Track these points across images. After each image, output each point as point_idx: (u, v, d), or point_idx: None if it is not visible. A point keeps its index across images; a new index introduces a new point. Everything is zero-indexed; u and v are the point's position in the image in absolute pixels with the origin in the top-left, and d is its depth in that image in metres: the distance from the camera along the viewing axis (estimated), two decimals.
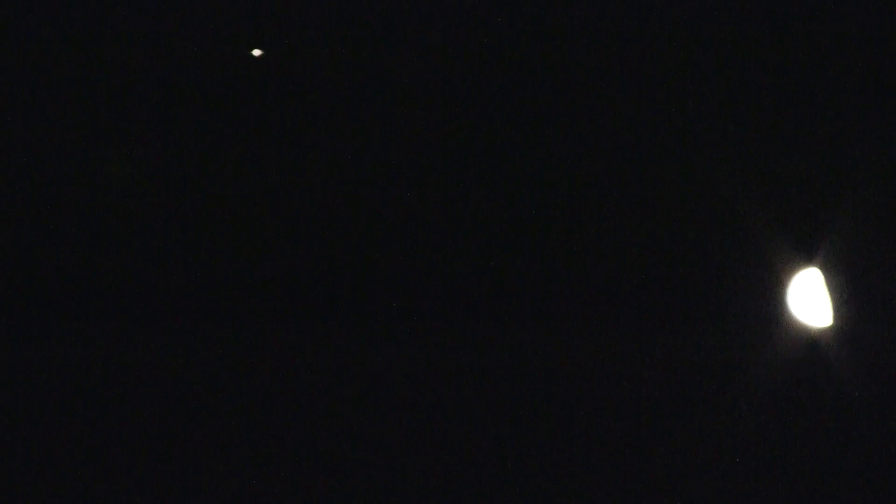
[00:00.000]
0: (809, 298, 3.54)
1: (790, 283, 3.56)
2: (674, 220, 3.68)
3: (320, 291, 3.96)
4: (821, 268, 3.56)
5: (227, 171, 4.18)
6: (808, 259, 3.57)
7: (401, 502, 3.73)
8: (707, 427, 3.59)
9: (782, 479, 3.55)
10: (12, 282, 4.16)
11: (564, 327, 3.70)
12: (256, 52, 4.29)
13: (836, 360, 3.52)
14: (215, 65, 4.35)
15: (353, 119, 4.10)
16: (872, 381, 3.51)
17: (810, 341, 3.55)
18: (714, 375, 3.59)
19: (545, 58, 3.97)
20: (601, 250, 3.72)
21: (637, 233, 3.70)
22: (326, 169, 4.10)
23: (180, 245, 4.11)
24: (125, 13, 4.35)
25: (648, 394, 3.62)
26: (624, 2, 3.92)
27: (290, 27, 4.27)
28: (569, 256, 3.73)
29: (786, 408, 3.55)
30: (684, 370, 3.61)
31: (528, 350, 3.72)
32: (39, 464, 3.98)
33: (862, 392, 3.50)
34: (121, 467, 3.96)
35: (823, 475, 3.52)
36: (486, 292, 3.80)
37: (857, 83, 3.66)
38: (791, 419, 3.55)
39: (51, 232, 4.21)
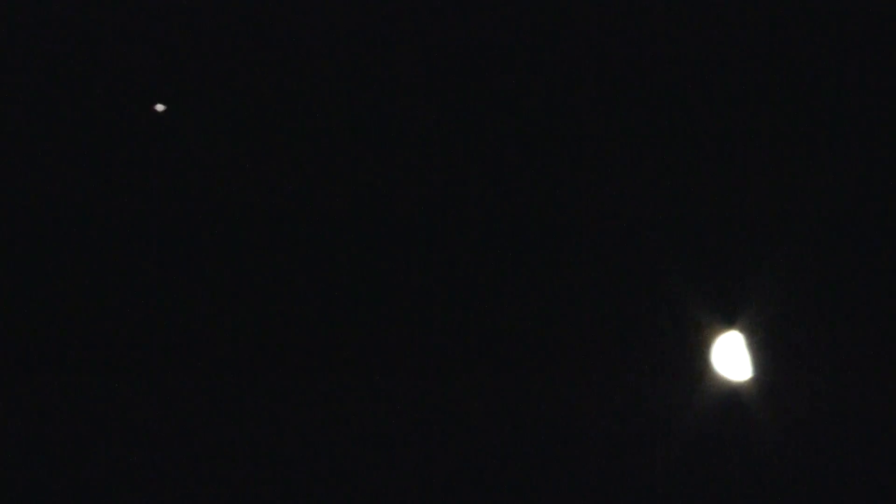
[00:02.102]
0: (731, 356, 4.03)
1: (714, 343, 4.06)
2: (615, 292, 4.16)
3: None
4: (741, 330, 4.05)
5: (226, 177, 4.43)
6: (729, 322, 4.06)
7: None
8: (641, 469, 4.03)
9: None
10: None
11: (513, 378, 4.14)
12: (160, 107, 4.51)
13: (754, 409, 4.00)
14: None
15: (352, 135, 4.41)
16: (787, 428, 3.98)
17: (731, 393, 4.02)
18: (648, 424, 4.04)
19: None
20: (551, 315, 4.17)
21: (584, 303, 4.16)
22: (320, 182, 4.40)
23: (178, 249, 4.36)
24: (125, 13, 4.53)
25: (593, 440, 4.05)
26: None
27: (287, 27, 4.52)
28: (527, 315, 4.18)
29: (711, 451, 4.00)
30: (622, 418, 4.06)
31: (478, 403, 4.13)
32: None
33: (778, 436, 3.98)
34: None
35: None
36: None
37: (777, 158, 4.17)
38: (715, 461, 4.00)
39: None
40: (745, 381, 4.02)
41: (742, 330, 4.06)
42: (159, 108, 4.57)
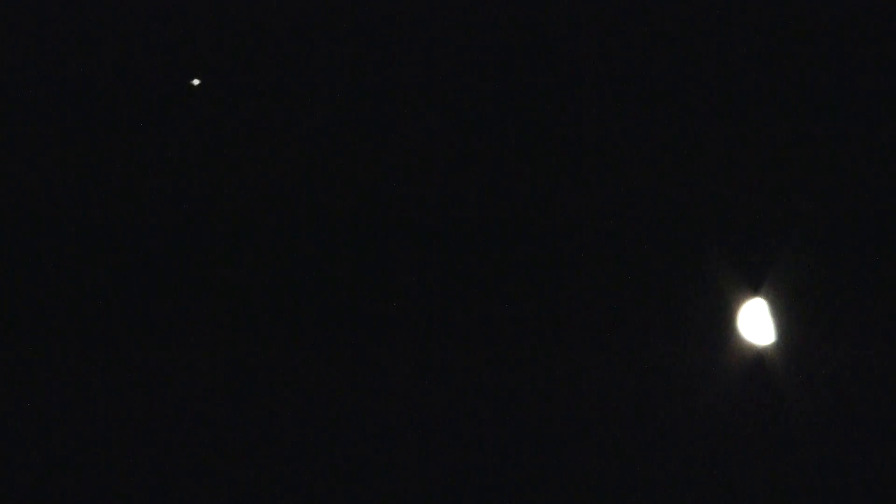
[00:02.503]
0: (756, 322, 4.16)
1: (740, 309, 4.18)
2: (647, 262, 4.29)
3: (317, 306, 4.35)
4: (765, 297, 4.18)
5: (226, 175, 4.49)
6: (754, 289, 4.19)
7: None
8: (666, 432, 4.11)
9: (730, 477, 4.04)
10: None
11: (538, 349, 4.23)
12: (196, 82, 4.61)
13: (778, 373, 4.11)
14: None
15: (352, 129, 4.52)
16: (809, 391, 4.09)
17: (756, 357, 4.13)
18: (676, 387, 4.14)
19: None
20: (574, 289, 4.28)
21: (609, 274, 4.29)
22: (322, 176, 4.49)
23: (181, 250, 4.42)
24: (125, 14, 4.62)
25: (624, 399, 4.13)
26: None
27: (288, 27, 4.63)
28: (547, 284, 4.29)
29: (736, 413, 4.09)
30: (651, 382, 4.15)
31: (504, 364, 4.22)
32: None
33: (801, 400, 4.08)
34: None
35: (765, 472, 4.04)
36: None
37: (798, 129, 4.35)
38: (740, 423, 4.09)
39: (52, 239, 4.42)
40: (769, 346, 4.13)
41: (766, 297, 4.18)
42: (195, 82, 4.69)
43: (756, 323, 4.15)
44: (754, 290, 4.18)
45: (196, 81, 4.68)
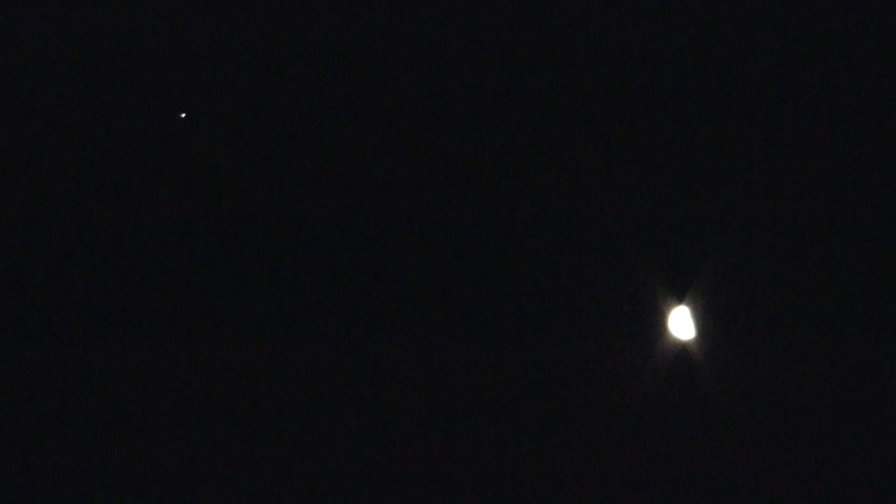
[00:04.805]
0: (683, 322, 5.05)
1: (668, 312, 5.05)
2: (584, 275, 5.08)
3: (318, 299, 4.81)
4: (690, 304, 5.05)
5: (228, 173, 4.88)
6: (681, 296, 5.06)
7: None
8: (608, 414, 4.94)
9: (656, 463, 4.86)
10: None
11: (485, 343, 4.87)
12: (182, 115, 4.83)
13: (701, 367, 5.01)
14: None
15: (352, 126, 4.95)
16: (729, 384, 4.98)
17: (682, 353, 5.02)
18: (611, 380, 4.99)
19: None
20: (527, 287, 5.02)
21: (558, 283, 5.06)
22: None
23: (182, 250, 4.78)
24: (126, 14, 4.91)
25: (558, 396, 4.90)
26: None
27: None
28: (499, 280, 4.98)
29: (663, 403, 4.96)
30: (589, 377, 4.97)
31: (445, 361, 4.81)
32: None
33: (722, 391, 4.98)
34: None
35: (687, 458, 4.87)
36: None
37: (729, 147, 5.05)
38: (666, 413, 4.93)
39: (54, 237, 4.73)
40: (691, 341, 5.01)
41: (689, 303, 5.05)
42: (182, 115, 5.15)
43: (681, 323, 5.04)
44: (679, 298, 5.05)
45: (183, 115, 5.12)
